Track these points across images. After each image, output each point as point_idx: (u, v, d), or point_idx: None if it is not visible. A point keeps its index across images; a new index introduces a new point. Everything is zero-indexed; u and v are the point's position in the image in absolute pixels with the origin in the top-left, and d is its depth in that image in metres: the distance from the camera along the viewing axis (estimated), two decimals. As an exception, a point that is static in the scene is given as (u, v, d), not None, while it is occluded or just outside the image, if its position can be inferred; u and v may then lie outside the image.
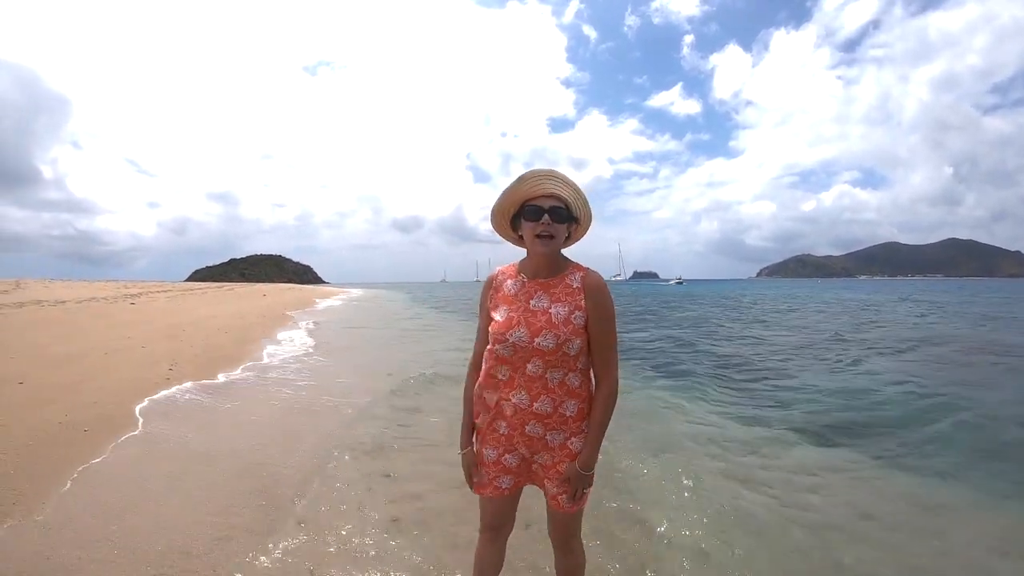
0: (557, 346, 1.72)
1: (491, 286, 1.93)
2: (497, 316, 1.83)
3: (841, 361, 10.12)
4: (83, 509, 3.12)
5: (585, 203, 1.80)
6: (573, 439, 1.81)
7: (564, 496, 1.83)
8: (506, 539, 2.07)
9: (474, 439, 1.97)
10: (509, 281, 1.88)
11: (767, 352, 11.58)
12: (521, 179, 1.75)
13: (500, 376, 1.82)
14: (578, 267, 1.84)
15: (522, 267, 1.89)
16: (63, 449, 4.02)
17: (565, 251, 1.89)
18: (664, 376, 8.51)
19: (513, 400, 1.79)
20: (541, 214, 1.72)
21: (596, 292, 1.77)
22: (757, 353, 11.40)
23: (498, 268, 1.98)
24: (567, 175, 1.75)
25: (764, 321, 21.07)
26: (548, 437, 1.81)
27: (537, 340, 1.72)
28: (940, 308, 28.33)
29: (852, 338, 13.91)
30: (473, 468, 1.95)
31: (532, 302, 1.79)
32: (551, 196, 1.74)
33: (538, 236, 1.75)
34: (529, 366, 1.76)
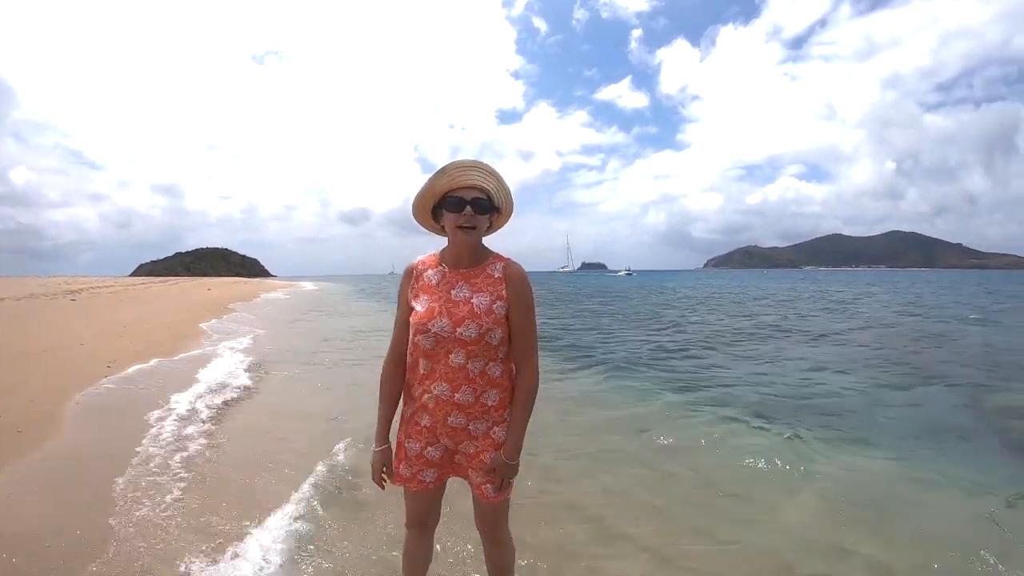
0: (479, 336, 1.73)
1: (411, 276, 1.90)
2: (418, 307, 1.82)
3: (682, 344, 11.95)
4: (15, 513, 3.11)
5: (507, 193, 1.82)
6: (496, 428, 1.85)
7: (489, 486, 1.86)
8: (433, 532, 2.12)
9: (399, 434, 1.96)
10: (430, 271, 1.86)
11: (629, 336, 13.55)
12: (443, 171, 1.75)
13: (422, 368, 1.82)
14: (499, 257, 1.86)
15: (443, 257, 1.88)
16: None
17: (487, 239, 1.92)
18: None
19: (435, 392, 1.80)
20: (463, 205, 1.73)
21: (518, 282, 1.80)
22: (620, 337, 13.29)
23: (418, 258, 1.94)
24: (491, 165, 1.77)
25: (661, 309, 23.70)
26: (471, 427, 1.83)
27: (459, 330, 1.73)
28: (857, 298, 30.92)
29: (722, 326, 15.83)
30: (384, 467, 1.94)
31: (453, 292, 1.79)
32: (473, 187, 1.74)
33: (460, 227, 1.76)
34: (451, 357, 1.77)
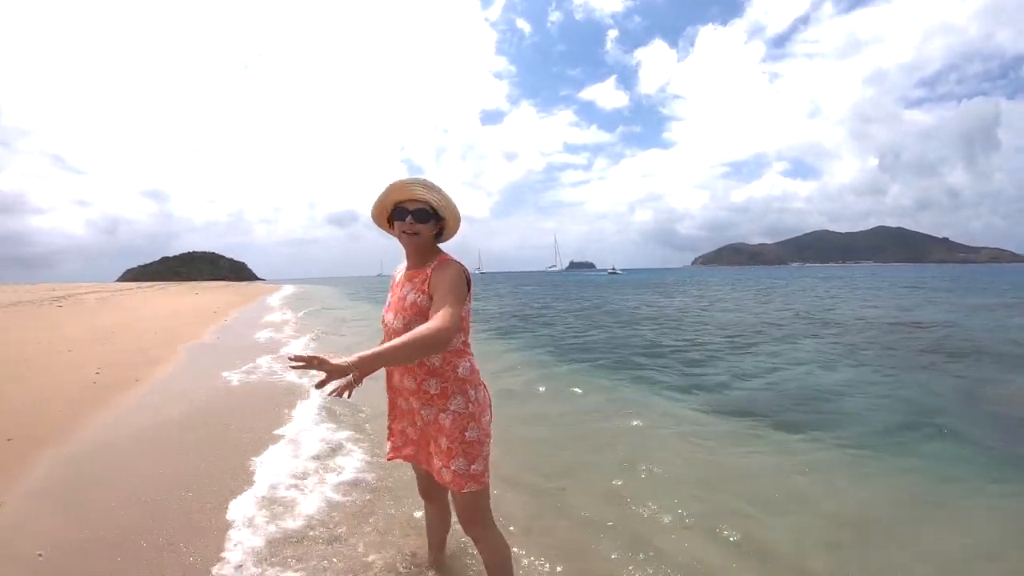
0: (404, 327, 1.96)
1: (393, 277, 2.25)
2: (386, 302, 2.17)
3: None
4: (11, 526, 3.01)
5: (451, 207, 2.03)
6: (441, 415, 2.01)
7: (445, 470, 2.00)
8: (440, 503, 2.46)
9: (388, 415, 2.27)
10: (398, 274, 2.18)
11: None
12: (390, 187, 2.00)
13: None
14: (442, 257, 2.05)
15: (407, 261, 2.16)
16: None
17: (447, 245, 2.17)
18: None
19: (394, 379, 2.13)
20: (406, 215, 1.99)
21: (438, 269, 1.99)
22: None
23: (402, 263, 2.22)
24: (432, 181, 2.00)
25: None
26: (423, 412, 2.05)
27: (393, 322, 2.02)
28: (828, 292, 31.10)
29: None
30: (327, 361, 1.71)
31: (401, 290, 2.08)
32: (415, 199, 1.99)
33: (404, 233, 2.02)
34: None
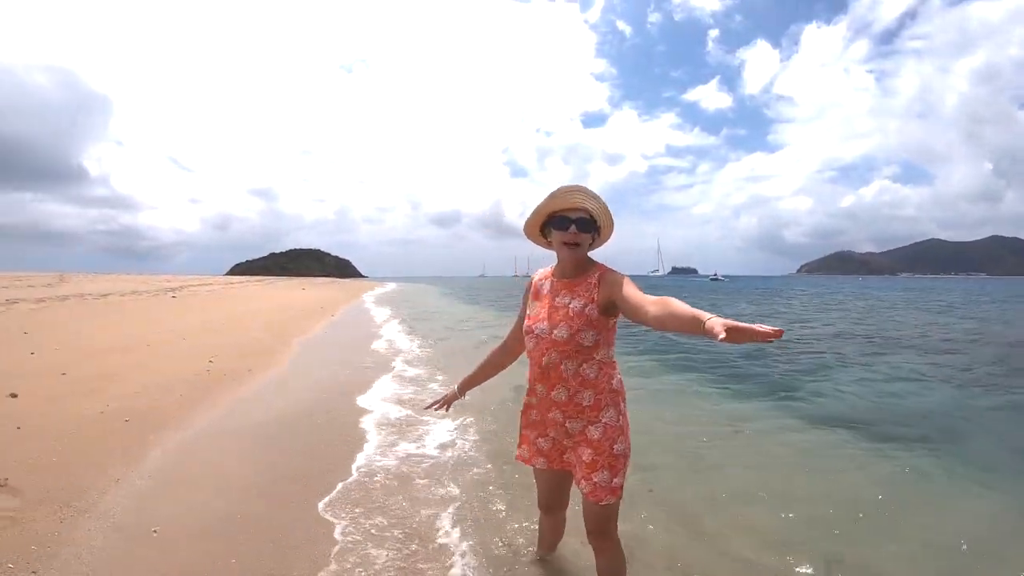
0: (570, 336, 1.87)
1: (531, 287, 2.14)
2: (530, 312, 2.06)
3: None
4: (126, 502, 3.03)
5: (608, 215, 1.97)
6: (590, 427, 1.93)
7: (585, 483, 1.92)
8: (558, 516, 2.35)
9: (521, 419, 2.17)
10: (545, 282, 2.08)
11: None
12: (553, 195, 1.93)
13: (530, 368, 2.04)
14: (600, 267, 1.96)
15: (555, 270, 2.07)
16: (104, 439, 3.93)
17: (593, 253, 2.07)
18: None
19: (538, 390, 2.02)
20: (569, 224, 1.90)
21: (608, 277, 1.88)
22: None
23: (539, 271, 2.18)
24: (592, 189, 1.92)
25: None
26: (568, 424, 1.97)
27: (554, 332, 1.90)
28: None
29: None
30: (445, 397, 2.37)
31: (557, 299, 1.96)
32: (577, 208, 1.91)
33: (566, 243, 1.92)
34: (545, 358, 1.93)
